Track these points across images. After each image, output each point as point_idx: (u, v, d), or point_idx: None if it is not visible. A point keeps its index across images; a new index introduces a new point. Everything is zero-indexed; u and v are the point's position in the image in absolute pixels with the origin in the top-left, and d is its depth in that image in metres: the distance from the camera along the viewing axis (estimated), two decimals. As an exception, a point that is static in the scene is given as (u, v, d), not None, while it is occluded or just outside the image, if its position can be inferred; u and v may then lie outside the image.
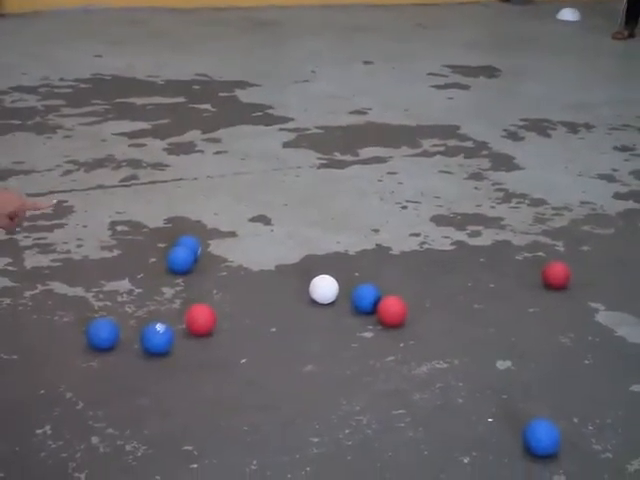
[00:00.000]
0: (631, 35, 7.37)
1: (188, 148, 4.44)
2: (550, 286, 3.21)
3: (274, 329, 2.90)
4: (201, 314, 2.82)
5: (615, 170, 4.41)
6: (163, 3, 7.49)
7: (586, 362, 2.80)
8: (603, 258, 3.51)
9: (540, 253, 3.49)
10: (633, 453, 2.39)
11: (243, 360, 2.72)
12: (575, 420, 2.51)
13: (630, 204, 4.02)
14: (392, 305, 2.91)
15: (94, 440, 2.35)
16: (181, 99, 5.20)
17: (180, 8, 7.46)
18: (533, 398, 2.61)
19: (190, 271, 3.19)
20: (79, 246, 3.39)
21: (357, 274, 3.25)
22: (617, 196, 4.11)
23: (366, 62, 6.23)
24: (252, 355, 2.75)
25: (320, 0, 7.93)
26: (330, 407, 2.52)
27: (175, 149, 4.42)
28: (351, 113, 5.08)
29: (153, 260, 3.29)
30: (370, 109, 5.15)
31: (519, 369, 2.75)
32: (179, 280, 3.14)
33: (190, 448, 2.34)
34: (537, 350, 2.86)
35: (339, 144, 4.59)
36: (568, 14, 8.04)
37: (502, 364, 2.76)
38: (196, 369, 2.68)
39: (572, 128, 5.02)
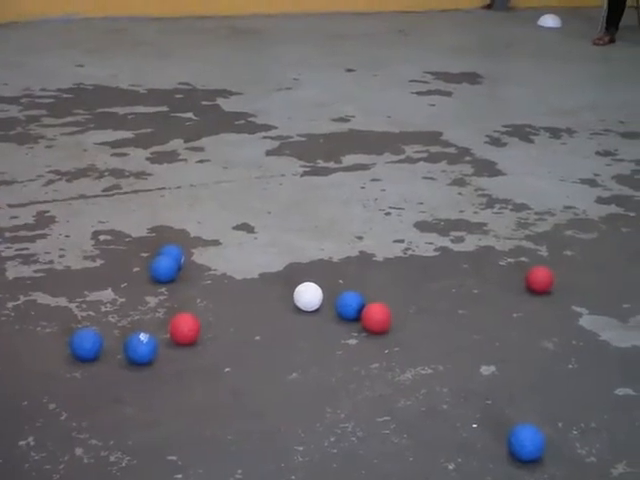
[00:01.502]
0: (611, 40, 7.41)
1: (171, 157, 4.44)
2: (533, 291, 3.22)
3: (258, 337, 2.89)
4: (185, 323, 2.81)
5: (597, 175, 4.43)
6: (145, 12, 7.48)
7: (570, 366, 2.81)
8: (586, 262, 3.52)
9: (523, 258, 3.50)
10: (617, 457, 2.40)
11: (227, 369, 2.72)
12: (559, 425, 2.51)
13: (612, 208, 4.04)
14: (376, 312, 2.91)
15: (78, 451, 2.34)
16: (163, 108, 5.19)
17: (162, 17, 7.45)
18: (517, 403, 2.61)
19: (174, 280, 3.18)
20: (62, 256, 3.38)
21: (341, 281, 3.25)
22: (599, 200, 4.12)
23: (348, 69, 6.24)
24: (236, 364, 2.74)
25: (302, 8, 7.94)
26: (315, 415, 2.52)
27: (158, 158, 4.41)
28: (334, 120, 5.08)
29: (136, 269, 3.28)
30: (353, 116, 5.16)
31: (503, 374, 2.75)
32: (163, 289, 3.13)
33: (174, 458, 2.33)
34: (521, 355, 2.86)
35: (322, 151, 4.59)
36: (549, 20, 8.08)
37: (486, 369, 2.77)
38: (180, 378, 2.67)
39: (554, 133, 5.04)
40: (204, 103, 5.33)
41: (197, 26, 7.31)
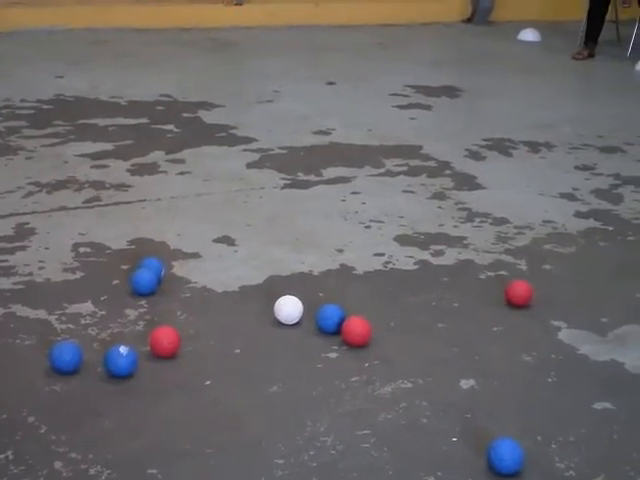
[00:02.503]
0: (591, 55, 7.48)
1: (151, 169, 4.43)
2: (513, 305, 3.24)
3: (238, 350, 2.89)
4: (165, 336, 2.81)
5: (576, 189, 4.46)
6: (126, 23, 7.48)
7: (549, 380, 2.82)
8: (565, 276, 3.54)
9: (503, 272, 3.52)
10: (596, 471, 2.41)
11: (207, 382, 2.72)
12: (538, 438, 2.53)
13: (591, 222, 4.07)
14: (356, 325, 2.92)
15: (57, 465, 2.33)
16: (144, 120, 5.19)
17: (144, 29, 7.45)
18: (497, 417, 2.62)
19: (154, 293, 3.18)
20: (41, 268, 3.37)
21: (321, 294, 3.25)
22: (578, 215, 4.15)
23: (329, 82, 6.26)
24: (217, 377, 2.74)
25: (283, 21, 7.97)
26: (295, 428, 2.52)
27: (138, 170, 4.40)
28: (315, 133, 5.10)
29: (116, 282, 3.27)
30: (334, 129, 5.17)
31: (483, 388, 2.76)
32: (143, 302, 3.13)
33: (154, 471, 2.32)
34: (500, 369, 2.88)
35: (303, 164, 4.60)
36: (529, 34, 8.14)
37: (466, 383, 2.78)
38: (160, 391, 2.66)
39: (533, 147, 5.07)
40: (185, 115, 5.34)
41: (179, 38, 7.32)
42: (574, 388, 2.79)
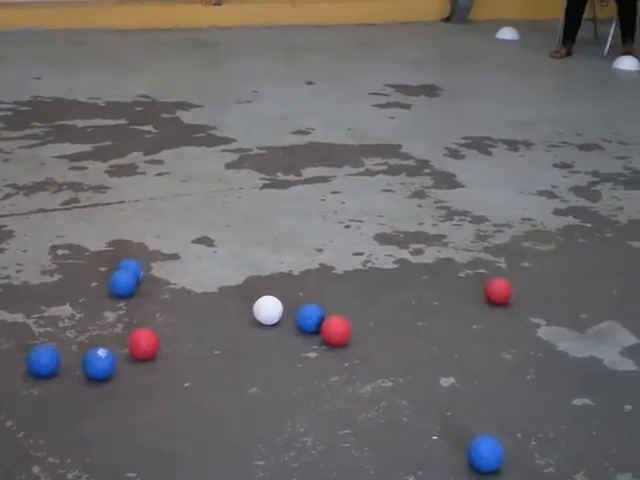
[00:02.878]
0: (568, 53, 7.50)
1: (130, 170, 4.41)
2: (492, 302, 3.24)
3: (218, 351, 2.88)
4: (144, 338, 2.80)
5: (554, 187, 4.47)
6: (104, 24, 7.45)
7: (528, 377, 2.83)
8: (544, 274, 3.55)
9: (482, 270, 3.53)
10: (575, 467, 2.42)
11: (187, 384, 2.70)
12: (518, 435, 2.53)
13: (570, 220, 4.08)
14: (336, 325, 2.91)
15: (35, 469, 2.31)
16: (123, 121, 5.17)
17: (122, 29, 7.43)
18: (477, 414, 2.63)
19: (132, 295, 3.16)
20: (19, 271, 3.34)
21: (301, 294, 3.25)
22: (557, 212, 4.17)
23: (309, 82, 6.25)
24: (196, 378, 2.73)
25: (262, 21, 7.96)
26: (275, 429, 2.51)
27: (117, 171, 4.38)
28: (294, 133, 5.09)
29: (95, 284, 3.25)
30: (313, 129, 5.17)
31: (463, 386, 2.76)
32: (121, 304, 3.11)
33: (133, 475, 2.31)
34: (480, 366, 2.88)
35: (282, 164, 4.59)
36: (507, 33, 8.17)
37: (446, 381, 2.78)
38: (139, 394, 2.65)
39: (512, 146, 5.09)
40: (164, 116, 5.32)
41: (158, 38, 7.30)
42: (553, 385, 2.79)
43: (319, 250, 3.63)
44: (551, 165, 4.82)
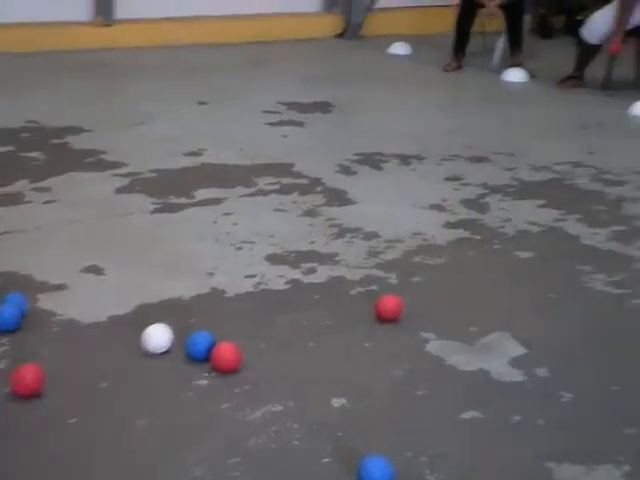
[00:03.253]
0: (459, 67, 7.66)
1: (16, 199, 4.31)
2: (383, 319, 3.26)
3: (105, 384, 2.82)
4: (28, 374, 2.72)
5: (445, 200, 4.54)
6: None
7: (419, 393, 2.85)
8: (434, 288, 3.59)
9: (373, 287, 3.55)
10: (464, 481, 2.45)
11: (73, 419, 2.64)
12: (409, 454, 2.54)
13: (460, 232, 4.14)
14: (225, 351, 2.89)
15: None
16: (9, 148, 5.05)
17: (9, 52, 7.26)
18: (368, 434, 2.63)
19: (17, 329, 3.08)
20: None
21: (192, 320, 3.21)
22: (447, 225, 4.22)
23: (201, 102, 6.22)
24: (83, 413, 2.67)
25: (155, 41, 7.90)
26: (164, 460, 2.48)
27: (2, 201, 4.27)
28: (186, 155, 5.05)
29: (-23, 320, 3.16)
30: (205, 150, 5.14)
31: (354, 405, 2.77)
32: (4, 340, 3.02)
33: (16, 517, 2.25)
34: (371, 384, 2.89)
35: (174, 187, 4.55)
36: (399, 48, 8.29)
37: (337, 401, 2.78)
38: (24, 433, 2.57)
39: (404, 160, 5.15)
40: (53, 141, 5.22)
41: (49, 61, 7.16)
42: (442, 399, 2.82)
43: (210, 274, 3.60)
44: (442, 178, 4.89)
